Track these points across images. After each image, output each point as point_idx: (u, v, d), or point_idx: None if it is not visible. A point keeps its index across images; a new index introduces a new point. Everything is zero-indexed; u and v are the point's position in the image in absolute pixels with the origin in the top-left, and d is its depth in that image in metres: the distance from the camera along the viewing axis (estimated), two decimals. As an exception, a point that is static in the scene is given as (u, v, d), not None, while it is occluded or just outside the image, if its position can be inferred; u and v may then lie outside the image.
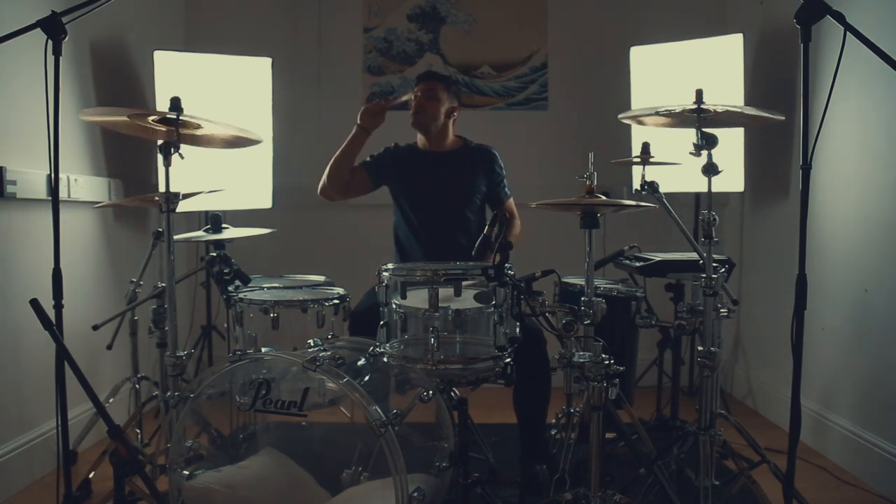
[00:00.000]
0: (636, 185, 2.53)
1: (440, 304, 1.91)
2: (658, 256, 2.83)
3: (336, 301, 2.32)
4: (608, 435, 2.48)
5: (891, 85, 2.54)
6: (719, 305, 2.17)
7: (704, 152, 2.10)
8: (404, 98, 2.89)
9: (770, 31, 3.63)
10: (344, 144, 2.82)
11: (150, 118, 2.03)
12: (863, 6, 2.67)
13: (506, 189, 2.94)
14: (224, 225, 2.50)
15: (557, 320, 1.96)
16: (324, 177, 2.87)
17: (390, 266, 2.03)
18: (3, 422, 2.59)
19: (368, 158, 2.93)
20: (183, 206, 2.19)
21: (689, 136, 2.12)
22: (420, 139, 2.91)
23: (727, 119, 2.24)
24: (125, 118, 2.05)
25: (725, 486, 2.25)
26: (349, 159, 2.83)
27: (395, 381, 2.21)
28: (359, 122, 2.80)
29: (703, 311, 2.14)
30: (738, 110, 2.25)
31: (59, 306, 1.81)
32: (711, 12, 4.12)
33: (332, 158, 2.84)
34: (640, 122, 2.46)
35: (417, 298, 1.96)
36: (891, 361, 2.62)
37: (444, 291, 1.93)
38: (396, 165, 2.90)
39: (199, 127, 2.10)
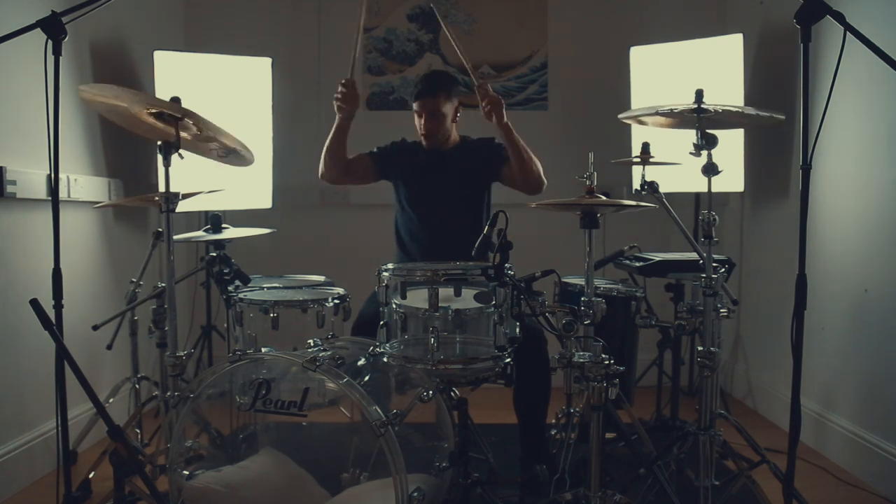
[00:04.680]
0: (636, 185, 2.54)
1: (440, 304, 1.91)
2: (658, 256, 2.83)
3: (336, 301, 2.32)
4: (608, 435, 2.48)
5: (891, 85, 2.54)
6: (719, 305, 2.17)
7: (704, 152, 2.10)
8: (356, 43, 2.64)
9: (770, 31, 3.63)
10: (330, 134, 2.79)
11: (152, 109, 2.01)
12: (863, 6, 2.67)
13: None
14: (224, 225, 2.50)
15: (557, 320, 1.96)
16: (321, 164, 2.85)
17: (390, 266, 2.03)
18: (3, 422, 2.59)
19: (375, 149, 2.93)
20: (183, 206, 2.19)
21: (689, 136, 2.12)
22: None
23: (727, 119, 2.24)
24: (125, 104, 2.02)
25: (725, 486, 2.25)
26: (339, 147, 2.80)
27: (395, 381, 2.21)
28: (338, 114, 2.76)
29: (703, 311, 2.14)
30: (738, 110, 2.25)
31: (59, 306, 1.82)
32: (711, 12, 4.13)
33: (324, 148, 2.81)
34: (641, 122, 2.46)
35: (417, 298, 1.96)
36: (891, 361, 2.62)
37: (444, 291, 1.93)
38: (399, 162, 2.90)
39: (199, 130, 2.09)
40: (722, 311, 2.19)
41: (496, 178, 2.88)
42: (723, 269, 2.28)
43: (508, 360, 1.95)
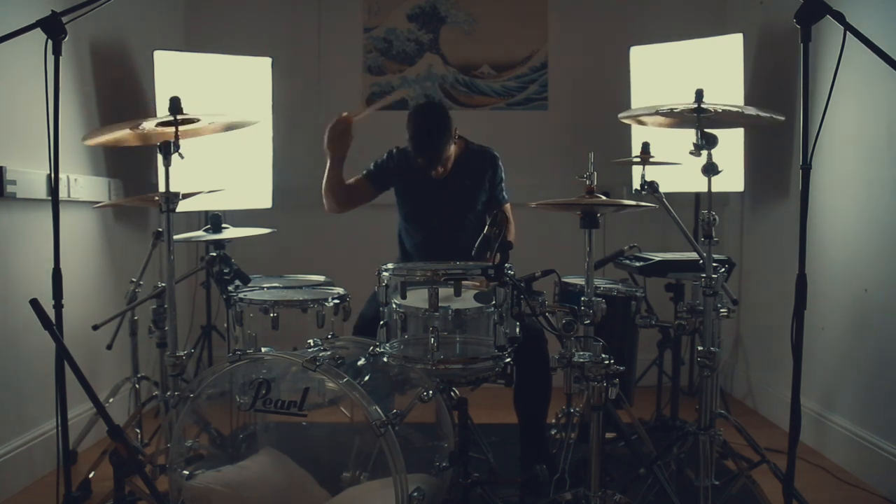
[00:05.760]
0: (636, 185, 2.54)
1: (440, 304, 1.91)
2: (658, 256, 2.83)
3: (336, 301, 2.32)
4: (608, 435, 2.48)
5: (891, 85, 2.54)
6: (719, 305, 2.17)
7: (704, 152, 2.10)
8: (385, 104, 2.68)
9: (770, 31, 3.63)
10: (325, 175, 2.80)
11: (151, 125, 2.03)
12: (863, 6, 2.67)
13: (503, 193, 2.93)
14: (224, 225, 2.50)
15: (557, 320, 1.96)
16: (324, 200, 2.86)
17: (390, 266, 2.03)
18: (3, 422, 2.59)
19: (372, 166, 2.93)
20: (183, 206, 2.19)
21: (689, 136, 2.12)
22: None
23: (727, 119, 2.24)
24: (128, 131, 2.06)
25: (725, 486, 2.25)
26: (336, 184, 2.81)
27: (395, 381, 2.21)
28: (328, 153, 2.73)
29: (703, 311, 2.14)
30: (738, 110, 2.25)
31: (59, 306, 1.81)
32: (711, 12, 4.13)
33: (323, 187, 2.82)
34: (641, 122, 2.46)
35: (417, 298, 1.96)
36: (891, 361, 2.62)
37: (444, 291, 1.93)
38: (398, 170, 2.89)
39: (198, 120, 2.11)
40: (722, 311, 2.18)
41: (484, 199, 2.89)
42: (723, 269, 2.28)
43: (508, 359, 1.95)
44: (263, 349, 2.18)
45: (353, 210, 2.97)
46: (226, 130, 2.34)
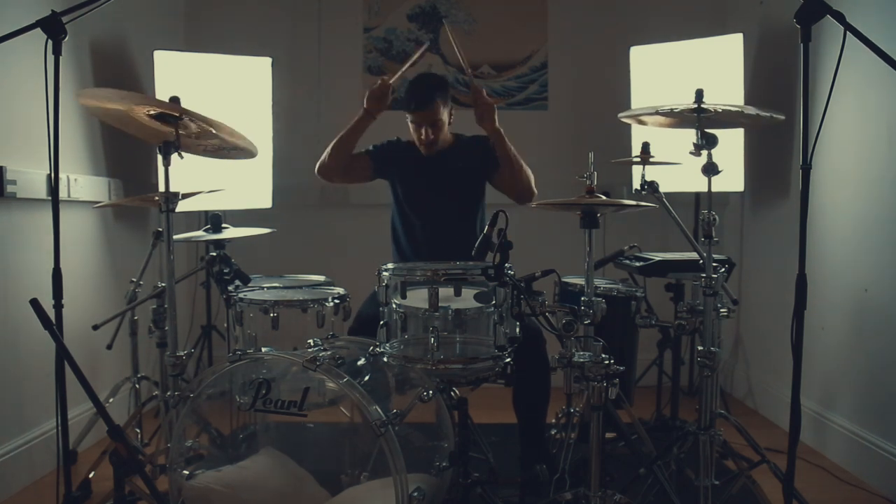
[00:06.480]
0: (636, 185, 2.54)
1: (440, 304, 1.91)
2: (658, 256, 2.83)
3: (336, 301, 2.32)
4: (608, 435, 2.48)
5: (891, 85, 2.54)
6: (719, 305, 2.17)
7: (704, 152, 2.10)
8: (412, 61, 2.86)
9: (770, 31, 3.63)
10: (348, 127, 2.78)
11: (151, 110, 2.01)
12: (863, 6, 2.67)
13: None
14: (224, 225, 2.50)
15: (557, 320, 1.96)
16: (325, 156, 2.82)
17: (390, 266, 2.03)
18: (3, 422, 2.59)
19: (371, 147, 2.92)
20: (183, 206, 2.19)
21: (689, 136, 2.12)
22: None
23: (727, 119, 2.24)
24: (123, 107, 2.03)
25: (725, 486, 2.25)
26: (352, 143, 2.80)
27: (395, 380, 2.21)
28: (365, 106, 2.76)
29: (703, 311, 2.14)
30: (738, 110, 2.25)
31: (59, 306, 1.81)
32: (711, 12, 4.12)
33: (335, 140, 2.80)
34: (641, 122, 2.46)
35: (417, 298, 1.96)
36: (890, 361, 2.62)
37: (444, 291, 1.93)
38: (395, 161, 2.89)
39: (199, 128, 2.09)
40: (722, 311, 2.19)
41: (489, 178, 2.88)
42: (723, 269, 2.28)
43: (508, 359, 1.95)
44: (263, 349, 2.18)
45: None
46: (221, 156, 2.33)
